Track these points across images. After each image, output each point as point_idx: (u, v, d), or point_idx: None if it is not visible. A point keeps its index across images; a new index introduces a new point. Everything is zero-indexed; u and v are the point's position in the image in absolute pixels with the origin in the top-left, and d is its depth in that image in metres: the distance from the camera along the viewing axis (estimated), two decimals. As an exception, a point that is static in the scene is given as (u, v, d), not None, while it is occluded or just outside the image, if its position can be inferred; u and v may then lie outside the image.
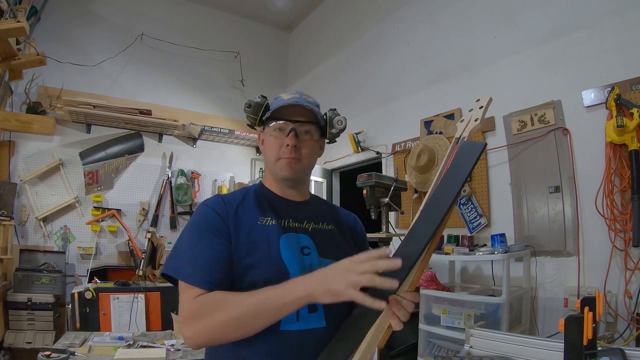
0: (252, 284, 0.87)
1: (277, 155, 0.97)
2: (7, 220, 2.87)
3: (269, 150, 1.00)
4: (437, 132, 2.75)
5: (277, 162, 0.98)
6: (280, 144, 0.97)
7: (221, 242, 0.88)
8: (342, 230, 1.08)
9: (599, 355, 1.01)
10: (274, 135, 0.98)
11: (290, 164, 0.97)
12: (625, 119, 1.72)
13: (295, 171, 0.98)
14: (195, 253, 0.88)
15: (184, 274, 0.86)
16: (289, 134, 0.96)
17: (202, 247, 0.88)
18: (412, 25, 3.14)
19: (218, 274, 0.85)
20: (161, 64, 4.00)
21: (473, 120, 0.72)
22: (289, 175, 0.98)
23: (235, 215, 0.93)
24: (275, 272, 0.88)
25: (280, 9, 4.40)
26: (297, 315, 0.88)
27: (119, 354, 1.81)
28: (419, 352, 1.98)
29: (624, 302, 1.73)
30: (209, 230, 0.89)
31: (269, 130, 0.99)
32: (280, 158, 0.97)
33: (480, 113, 0.71)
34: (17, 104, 3.29)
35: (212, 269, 0.85)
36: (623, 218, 1.76)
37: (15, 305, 2.71)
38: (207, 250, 0.87)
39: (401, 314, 0.75)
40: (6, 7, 2.55)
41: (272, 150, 0.98)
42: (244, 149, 4.38)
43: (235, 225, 0.92)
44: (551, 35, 2.17)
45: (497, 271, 2.23)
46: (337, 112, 1.05)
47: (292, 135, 0.96)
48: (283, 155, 0.97)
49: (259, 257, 0.89)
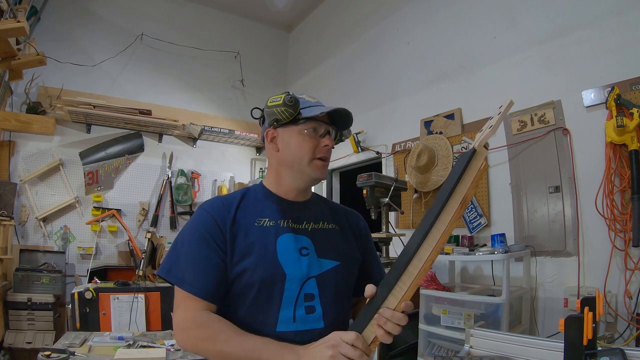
0: (248, 285, 0.89)
1: (311, 155, 0.96)
2: (7, 220, 2.87)
3: (300, 151, 0.96)
4: (437, 132, 2.75)
5: (311, 162, 0.97)
6: (315, 144, 0.97)
7: (217, 252, 0.90)
8: (344, 229, 1.08)
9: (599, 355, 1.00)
10: (308, 135, 0.96)
11: (325, 167, 0.99)
12: (625, 119, 1.72)
13: (325, 174, 1.01)
14: (192, 261, 0.90)
15: (180, 280, 0.89)
16: (325, 135, 0.97)
17: (199, 255, 0.90)
18: (412, 25, 3.13)
19: (213, 284, 0.88)
20: (161, 64, 4.00)
21: (487, 128, 0.70)
22: (323, 177, 1.00)
23: (233, 217, 0.94)
24: (271, 273, 0.89)
25: (280, 9, 4.40)
26: (293, 316, 0.88)
27: (119, 354, 1.81)
28: (419, 352, 1.98)
29: (624, 302, 1.72)
30: (206, 238, 0.91)
31: (298, 129, 0.96)
32: (315, 158, 0.97)
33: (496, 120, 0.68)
34: (17, 104, 3.29)
35: (207, 279, 0.87)
36: (623, 218, 1.76)
37: (15, 305, 2.71)
38: (203, 260, 0.89)
39: (389, 327, 0.75)
40: (6, 7, 2.55)
41: (307, 149, 0.96)
42: (244, 149, 4.38)
43: (233, 228, 0.93)
44: (551, 35, 2.17)
45: (497, 271, 2.23)
46: None
47: (330, 137, 0.98)
48: (318, 155, 0.97)
49: (255, 259, 0.90)
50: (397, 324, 0.75)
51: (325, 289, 0.94)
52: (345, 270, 0.99)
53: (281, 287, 0.89)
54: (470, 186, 0.72)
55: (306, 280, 0.92)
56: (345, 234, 1.07)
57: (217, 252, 0.89)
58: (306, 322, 0.89)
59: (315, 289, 0.92)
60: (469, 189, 0.72)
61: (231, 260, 0.90)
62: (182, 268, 0.89)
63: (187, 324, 0.87)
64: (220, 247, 0.90)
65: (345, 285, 1.00)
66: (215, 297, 0.88)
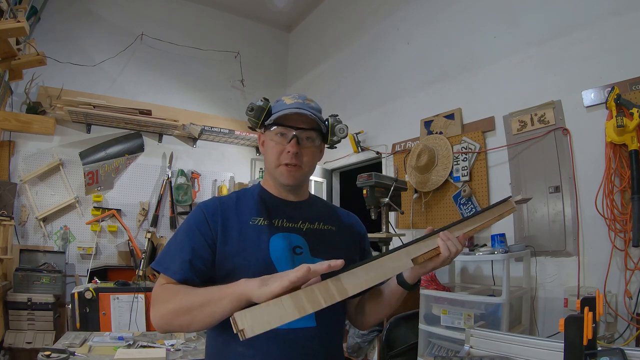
0: None
1: (277, 161, 0.98)
2: (7, 220, 2.87)
3: (269, 155, 1.00)
4: (437, 132, 2.75)
5: (277, 168, 0.98)
6: (281, 150, 0.97)
7: (202, 245, 0.91)
8: (342, 230, 1.08)
9: (599, 355, 1.01)
10: (275, 140, 0.98)
11: (290, 172, 0.98)
12: (625, 119, 1.72)
13: (295, 178, 0.99)
14: (176, 249, 0.92)
15: (166, 268, 0.91)
16: (291, 140, 0.96)
17: (183, 245, 0.92)
18: (412, 25, 3.14)
19: (193, 273, 0.89)
20: (161, 64, 4.00)
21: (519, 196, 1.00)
22: (289, 183, 0.99)
23: (227, 217, 0.96)
24: (263, 272, 0.89)
25: (280, 9, 4.40)
26: None
27: (119, 354, 1.81)
28: (419, 352, 1.98)
29: (624, 302, 1.72)
30: (194, 232, 0.93)
31: (270, 134, 0.99)
32: (280, 164, 0.98)
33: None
34: (17, 104, 3.29)
35: (184, 265, 0.89)
36: (623, 218, 1.76)
37: (15, 305, 2.71)
38: (187, 250, 0.91)
39: (450, 243, 0.85)
40: (6, 7, 2.55)
41: (273, 155, 0.98)
42: (244, 149, 4.38)
43: (225, 227, 0.94)
44: (551, 35, 2.17)
45: (497, 271, 2.23)
46: (339, 119, 1.05)
47: (294, 143, 0.96)
48: (283, 161, 0.97)
49: (247, 257, 0.92)
50: (456, 246, 0.86)
51: None
52: (339, 270, 0.99)
53: None
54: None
55: None
56: (343, 235, 1.07)
57: (202, 244, 0.91)
58: (298, 320, 0.89)
59: None
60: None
61: (223, 257, 0.91)
62: (169, 258, 0.92)
63: (154, 296, 0.88)
64: (207, 242, 0.92)
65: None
66: (192, 284, 0.89)
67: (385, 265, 0.81)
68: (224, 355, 0.92)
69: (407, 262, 0.84)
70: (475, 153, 2.48)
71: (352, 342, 2.19)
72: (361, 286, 0.77)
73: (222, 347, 0.93)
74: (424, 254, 0.86)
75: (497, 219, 0.94)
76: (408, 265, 0.84)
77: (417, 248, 0.86)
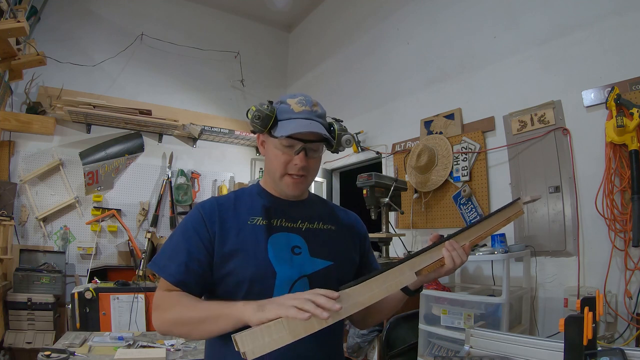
0: (238, 282, 0.90)
1: (283, 170, 0.95)
2: (7, 220, 2.86)
3: (274, 163, 0.96)
4: (437, 132, 2.75)
5: (283, 178, 0.96)
6: (288, 160, 0.94)
7: (198, 246, 0.91)
8: (342, 230, 1.07)
9: (599, 355, 1.01)
10: (281, 149, 0.94)
11: (297, 183, 0.96)
12: (625, 119, 1.72)
13: (301, 189, 0.99)
14: (172, 251, 0.93)
15: (162, 269, 0.91)
16: (299, 152, 0.93)
17: (180, 247, 0.92)
18: (412, 25, 3.14)
19: (188, 275, 0.89)
20: (161, 64, 3.99)
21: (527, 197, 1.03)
22: (296, 193, 0.99)
23: (225, 217, 0.95)
24: (261, 271, 0.90)
25: (280, 9, 4.40)
26: None
27: (119, 354, 1.81)
28: (419, 352, 1.98)
29: (624, 302, 1.72)
30: (191, 232, 0.93)
31: (275, 142, 0.94)
32: (286, 174, 0.95)
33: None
34: (17, 104, 3.29)
35: (181, 267, 0.89)
36: (623, 218, 1.76)
37: (15, 305, 2.71)
38: (183, 251, 0.91)
39: (455, 254, 0.86)
40: (6, 7, 2.55)
41: (278, 164, 0.95)
42: (244, 148, 4.38)
43: (223, 227, 0.94)
44: (551, 35, 2.17)
45: (497, 271, 2.23)
46: (345, 127, 1.04)
47: (302, 156, 0.93)
48: (290, 172, 0.95)
49: (245, 257, 0.91)
50: (461, 257, 0.86)
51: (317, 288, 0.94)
52: (338, 270, 0.99)
53: (271, 285, 0.90)
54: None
55: (298, 279, 0.92)
56: (343, 235, 1.07)
57: (198, 246, 0.91)
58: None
59: (307, 287, 0.92)
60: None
61: (221, 257, 0.91)
62: (165, 259, 0.92)
63: (155, 302, 0.91)
64: (204, 243, 0.91)
65: (338, 286, 1.01)
66: (189, 286, 0.90)
67: (388, 280, 0.81)
68: (223, 355, 0.92)
69: (410, 275, 0.84)
70: (475, 153, 2.48)
71: (352, 342, 2.19)
72: (364, 303, 0.78)
73: (221, 347, 0.93)
74: (427, 266, 0.85)
75: (504, 224, 0.93)
76: (412, 278, 0.85)
77: (421, 260, 0.86)
